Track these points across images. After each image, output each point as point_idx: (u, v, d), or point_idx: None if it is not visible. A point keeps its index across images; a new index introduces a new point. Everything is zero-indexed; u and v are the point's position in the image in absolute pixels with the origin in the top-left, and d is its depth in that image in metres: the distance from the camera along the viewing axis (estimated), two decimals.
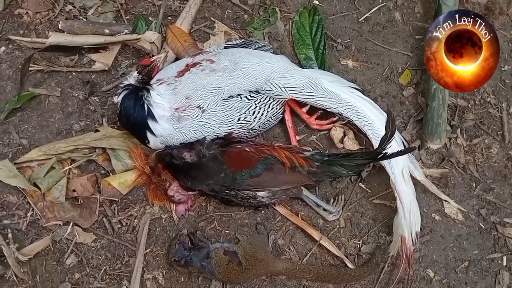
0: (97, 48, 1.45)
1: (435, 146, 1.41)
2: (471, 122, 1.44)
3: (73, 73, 1.46)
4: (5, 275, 1.31)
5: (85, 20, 1.48)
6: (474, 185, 1.40)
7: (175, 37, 1.44)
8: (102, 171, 1.38)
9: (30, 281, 1.32)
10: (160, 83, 1.30)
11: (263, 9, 1.50)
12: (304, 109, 1.40)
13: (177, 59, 1.43)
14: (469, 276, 1.35)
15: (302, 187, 1.32)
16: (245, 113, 1.31)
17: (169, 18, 1.50)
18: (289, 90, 1.32)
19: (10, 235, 1.32)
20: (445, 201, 1.38)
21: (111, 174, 1.37)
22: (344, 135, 1.40)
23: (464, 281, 1.34)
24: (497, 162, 1.42)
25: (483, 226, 1.38)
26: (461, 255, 1.36)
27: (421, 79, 1.46)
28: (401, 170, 1.31)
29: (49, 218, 1.35)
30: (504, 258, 1.36)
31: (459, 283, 1.34)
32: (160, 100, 1.27)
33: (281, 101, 1.35)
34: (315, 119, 1.40)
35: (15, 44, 1.47)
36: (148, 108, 1.26)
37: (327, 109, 1.36)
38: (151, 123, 1.26)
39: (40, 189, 1.33)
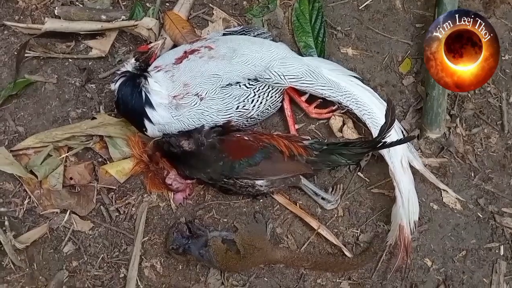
0: (93, 35, 1.43)
1: (434, 135, 1.40)
2: (470, 111, 1.43)
3: (70, 60, 1.44)
4: (2, 263, 1.31)
5: (81, 6, 1.45)
6: (472, 174, 1.40)
7: (173, 23, 1.42)
8: (99, 159, 1.37)
9: (27, 269, 1.32)
10: (158, 70, 1.28)
11: None
12: (303, 98, 1.39)
13: (174, 46, 1.41)
14: (466, 265, 1.35)
15: (301, 176, 1.32)
16: (244, 101, 1.29)
17: (167, 4, 1.48)
18: (289, 78, 1.30)
19: (6, 223, 1.31)
20: (444, 190, 1.38)
21: (108, 162, 1.36)
22: (343, 124, 1.39)
23: (461, 270, 1.35)
24: (496, 152, 1.42)
25: (481, 216, 1.38)
26: (459, 245, 1.36)
27: (421, 68, 1.45)
28: (400, 160, 1.30)
29: (46, 206, 1.34)
30: (502, 247, 1.36)
31: (456, 272, 1.35)
32: (158, 87, 1.25)
33: (280, 90, 1.34)
34: (314, 107, 1.39)
35: (10, 30, 1.45)
36: (146, 95, 1.25)
37: (326, 98, 1.35)
38: (148, 111, 1.25)
39: (36, 176, 1.32)
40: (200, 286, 1.32)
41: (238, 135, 1.28)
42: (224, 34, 1.35)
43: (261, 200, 1.37)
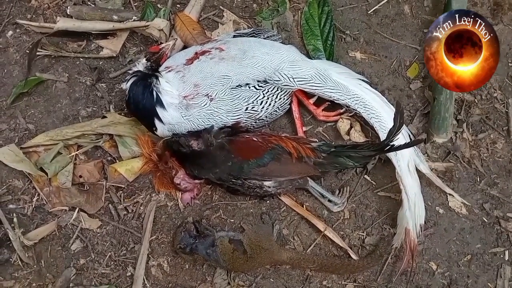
0: (105, 34, 1.45)
1: (441, 140, 1.41)
2: (477, 117, 1.44)
3: (81, 59, 1.45)
4: (11, 259, 1.32)
5: (93, 5, 1.47)
6: (478, 179, 1.41)
7: (183, 25, 1.44)
8: (109, 158, 1.39)
9: (35, 266, 1.33)
10: (169, 71, 1.29)
11: None
12: (311, 100, 1.40)
13: (185, 47, 1.43)
14: (471, 269, 1.36)
15: (308, 178, 1.33)
16: (253, 102, 1.30)
17: (178, 5, 1.49)
18: (298, 81, 1.32)
19: (15, 220, 1.32)
20: (450, 194, 1.38)
21: (117, 161, 1.37)
22: (351, 127, 1.40)
23: (466, 274, 1.35)
24: (502, 157, 1.43)
25: (486, 220, 1.38)
26: (464, 249, 1.37)
27: (428, 73, 1.46)
28: (407, 163, 1.31)
29: (54, 204, 1.35)
30: (507, 252, 1.37)
31: (461, 276, 1.35)
32: (168, 87, 1.27)
33: (289, 92, 1.35)
34: (322, 110, 1.41)
35: (22, 28, 1.46)
36: (157, 95, 1.26)
37: (334, 101, 1.36)
38: (159, 111, 1.26)
39: (46, 174, 1.33)
40: (207, 286, 1.33)
41: (247, 136, 1.29)
42: (234, 36, 1.37)
43: (268, 201, 1.38)
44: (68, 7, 1.44)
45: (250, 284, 1.33)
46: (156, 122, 1.28)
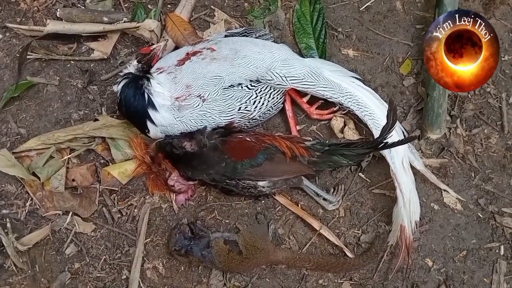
0: (95, 37, 1.44)
1: (435, 136, 1.41)
2: (470, 112, 1.44)
3: (72, 62, 1.44)
4: (4, 265, 1.31)
5: (83, 7, 1.46)
6: (473, 175, 1.41)
7: (174, 25, 1.43)
8: (102, 161, 1.38)
9: (29, 271, 1.32)
10: (160, 72, 1.29)
11: None
12: (305, 99, 1.40)
13: (176, 48, 1.42)
14: (467, 265, 1.36)
15: (303, 177, 1.32)
16: (246, 102, 1.30)
17: (169, 6, 1.48)
18: (290, 80, 1.31)
19: (9, 225, 1.31)
20: (444, 190, 1.38)
21: (110, 164, 1.37)
22: (345, 125, 1.40)
23: (462, 270, 1.36)
24: (496, 152, 1.43)
25: (481, 216, 1.38)
26: (460, 245, 1.37)
27: (421, 69, 1.46)
28: (401, 160, 1.31)
29: (48, 208, 1.34)
30: (502, 247, 1.37)
31: (457, 272, 1.35)
32: (160, 89, 1.26)
33: (282, 91, 1.35)
34: (316, 109, 1.40)
35: (12, 32, 1.45)
36: (148, 97, 1.25)
37: (327, 99, 1.35)
38: (151, 112, 1.25)
39: (39, 178, 1.32)
40: (203, 287, 1.32)
41: (240, 136, 1.29)
42: (226, 36, 1.36)
43: (262, 201, 1.38)
44: (58, 10, 1.43)
45: (246, 284, 1.33)
46: (149, 124, 1.27)
